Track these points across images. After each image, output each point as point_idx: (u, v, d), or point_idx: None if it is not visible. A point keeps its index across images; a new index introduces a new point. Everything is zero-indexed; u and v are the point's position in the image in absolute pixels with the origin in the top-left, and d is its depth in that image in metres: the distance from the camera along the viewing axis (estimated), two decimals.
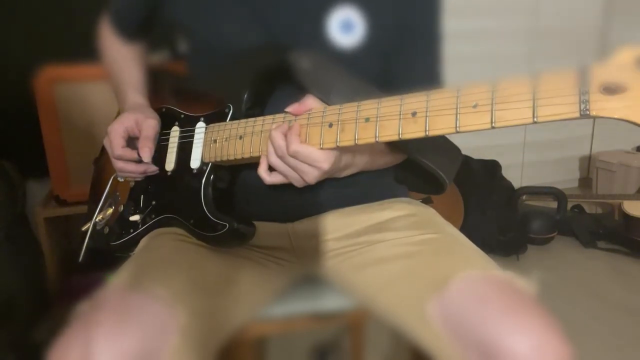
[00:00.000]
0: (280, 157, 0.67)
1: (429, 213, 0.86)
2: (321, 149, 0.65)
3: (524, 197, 2.35)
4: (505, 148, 2.50)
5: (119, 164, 0.82)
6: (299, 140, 0.66)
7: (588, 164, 2.89)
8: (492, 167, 2.25)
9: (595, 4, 2.70)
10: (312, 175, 0.67)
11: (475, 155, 2.23)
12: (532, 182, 2.55)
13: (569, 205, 2.31)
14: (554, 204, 2.28)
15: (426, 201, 0.90)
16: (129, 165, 0.82)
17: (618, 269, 2.01)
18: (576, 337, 0.60)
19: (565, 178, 2.84)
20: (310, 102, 0.68)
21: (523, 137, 2.72)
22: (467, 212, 2.07)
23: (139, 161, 0.81)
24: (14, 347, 1.35)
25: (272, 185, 0.71)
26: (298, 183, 0.68)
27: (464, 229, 0.82)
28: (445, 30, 0.83)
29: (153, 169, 0.83)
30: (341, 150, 0.67)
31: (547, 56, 2.59)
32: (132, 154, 0.81)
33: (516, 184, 2.32)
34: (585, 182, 2.88)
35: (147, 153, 0.80)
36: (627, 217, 2.15)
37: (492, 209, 2.10)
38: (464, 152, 0.88)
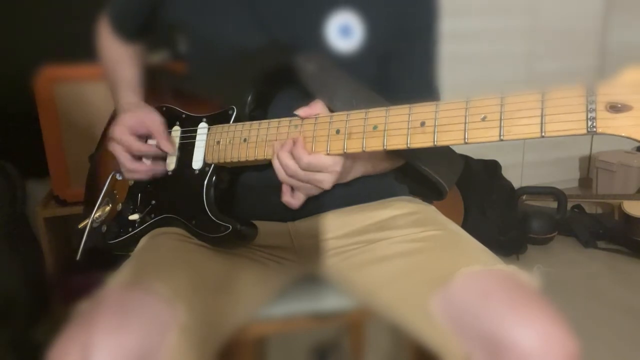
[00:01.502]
0: (292, 175, 0.68)
1: (431, 211, 0.86)
2: (328, 154, 0.66)
3: (524, 197, 2.35)
4: (505, 148, 2.49)
5: (133, 165, 0.80)
6: (307, 152, 0.66)
7: (588, 164, 2.89)
8: (492, 167, 2.24)
9: (595, 4, 2.70)
10: (327, 182, 0.68)
11: (475, 155, 2.23)
12: (532, 182, 2.55)
13: (569, 205, 2.31)
14: (554, 204, 2.28)
15: (426, 201, 0.90)
16: (142, 165, 0.81)
17: (618, 269, 2.01)
18: (576, 337, 0.60)
19: (565, 178, 2.84)
20: (319, 107, 0.68)
21: None
22: (467, 212, 2.06)
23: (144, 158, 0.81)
24: (14, 347, 1.35)
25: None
26: (315, 192, 0.70)
27: (463, 229, 0.82)
28: (445, 30, 0.83)
29: (162, 169, 0.82)
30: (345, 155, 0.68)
31: (546, 56, 2.59)
32: (151, 148, 0.81)
33: (516, 184, 2.32)
34: (585, 182, 2.88)
35: (169, 146, 0.80)
36: (627, 217, 2.15)
37: (492, 209, 2.10)
38: (464, 152, 0.88)
